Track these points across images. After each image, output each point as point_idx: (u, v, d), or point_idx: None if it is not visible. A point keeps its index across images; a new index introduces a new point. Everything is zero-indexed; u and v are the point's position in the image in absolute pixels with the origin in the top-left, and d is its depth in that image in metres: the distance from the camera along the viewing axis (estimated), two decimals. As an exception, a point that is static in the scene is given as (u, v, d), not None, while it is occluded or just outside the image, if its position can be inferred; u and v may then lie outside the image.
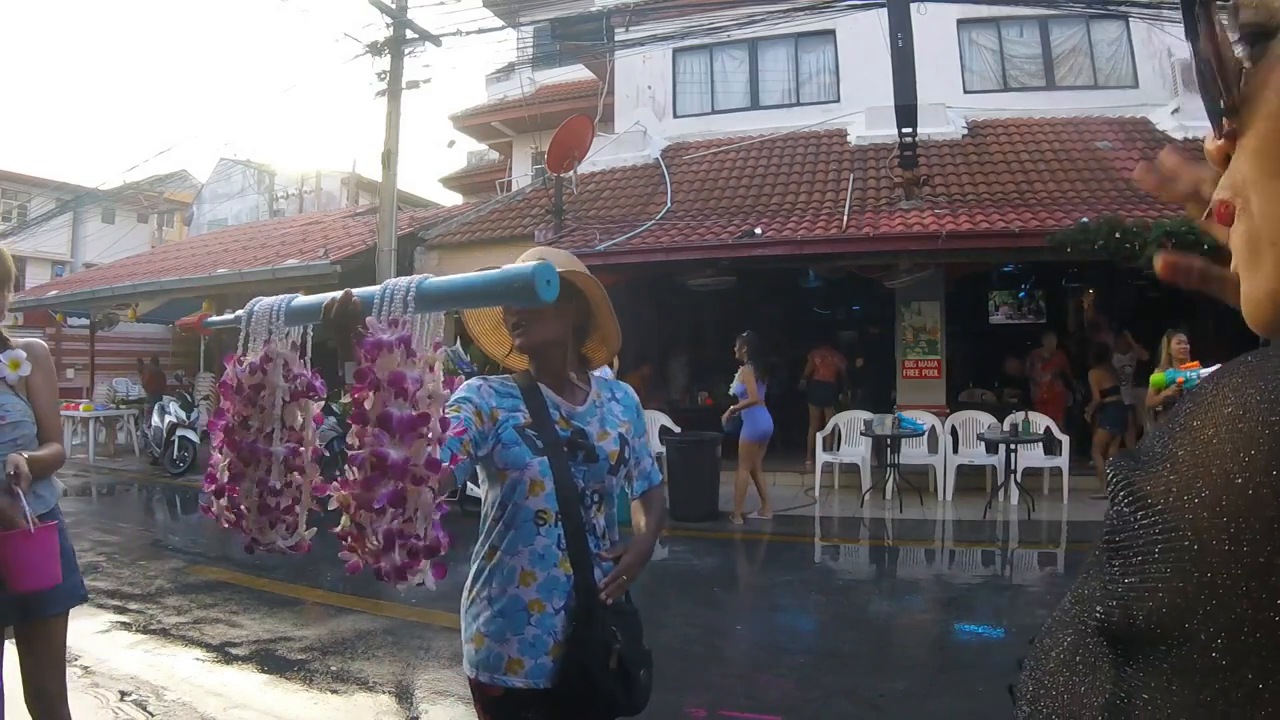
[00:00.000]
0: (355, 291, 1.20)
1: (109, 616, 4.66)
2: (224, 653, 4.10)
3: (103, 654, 4.00)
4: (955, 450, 8.20)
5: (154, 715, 3.32)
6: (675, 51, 11.87)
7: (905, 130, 8.63)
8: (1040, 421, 7.83)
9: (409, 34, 10.21)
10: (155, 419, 11.08)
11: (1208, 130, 0.42)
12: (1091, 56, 10.94)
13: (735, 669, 4.07)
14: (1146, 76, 10.55)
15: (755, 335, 7.17)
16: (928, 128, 9.49)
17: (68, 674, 2.33)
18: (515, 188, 13.87)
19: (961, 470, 8.09)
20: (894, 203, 8.97)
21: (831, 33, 11.39)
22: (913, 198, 8.83)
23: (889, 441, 8.01)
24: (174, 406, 10.89)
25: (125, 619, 4.65)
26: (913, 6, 8.68)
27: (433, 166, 72.03)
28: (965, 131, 10.50)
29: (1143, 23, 9.95)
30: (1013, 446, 7.49)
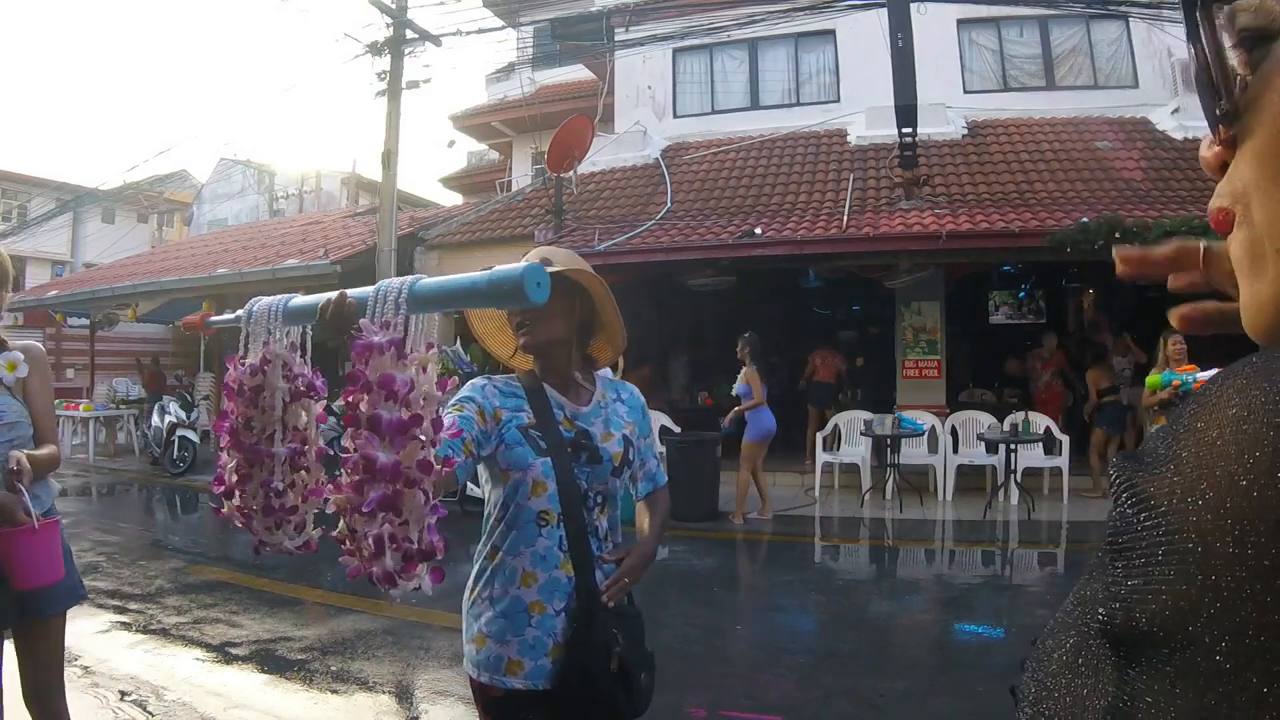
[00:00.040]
0: (351, 292, 1.19)
1: (109, 616, 4.66)
2: (224, 653, 4.10)
3: (103, 654, 4.00)
4: (955, 450, 8.19)
5: (154, 715, 3.32)
6: (675, 51, 11.87)
7: (905, 130, 8.63)
8: (1040, 421, 7.83)
9: (409, 34, 10.20)
10: (155, 419, 11.08)
11: (1205, 137, 0.42)
12: (1091, 56, 10.94)
13: (735, 669, 4.07)
14: (1146, 76, 10.55)
15: (757, 336, 7.17)
16: (928, 128, 9.49)
17: (68, 674, 2.34)
18: (515, 188, 13.87)
19: (961, 470, 8.09)
20: (894, 203, 8.97)
21: (831, 33, 11.39)
22: (913, 198, 8.83)
23: (889, 441, 8.01)
24: (174, 406, 10.88)
25: (125, 619, 4.65)
26: (913, 6, 8.68)
27: (433, 166, 72.11)
28: (965, 131, 10.49)
29: (1143, 23, 9.94)
30: (1013, 446, 7.49)
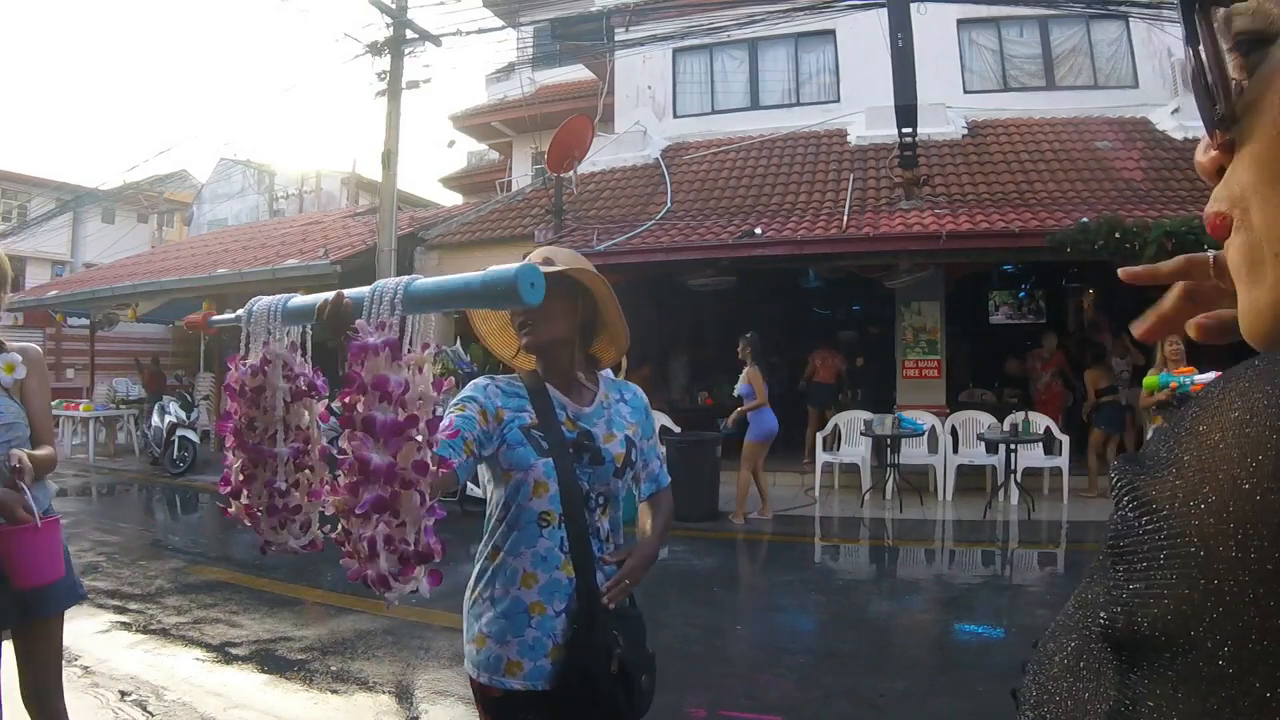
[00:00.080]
0: (348, 292, 1.18)
1: (109, 616, 4.66)
2: (224, 653, 4.10)
3: (103, 654, 4.00)
4: (955, 450, 8.19)
5: (154, 715, 3.32)
6: (675, 51, 11.86)
7: (905, 130, 8.63)
8: (1040, 421, 7.83)
9: (409, 34, 10.20)
10: (155, 419, 11.08)
11: (1200, 141, 0.42)
12: (1091, 56, 10.94)
13: (735, 669, 4.07)
14: (1146, 76, 10.55)
15: (758, 336, 7.17)
16: (928, 128, 9.49)
17: (68, 674, 2.34)
18: (515, 188, 13.87)
19: (961, 470, 8.09)
20: (894, 203, 8.97)
21: (831, 33, 11.39)
22: (913, 198, 8.83)
23: (889, 441, 8.01)
24: (174, 406, 10.88)
25: (125, 619, 4.65)
26: (913, 6, 8.68)
27: (433, 166, 72.13)
28: (965, 131, 10.49)
29: (1143, 23, 9.95)
30: (1013, 446, 7.49)
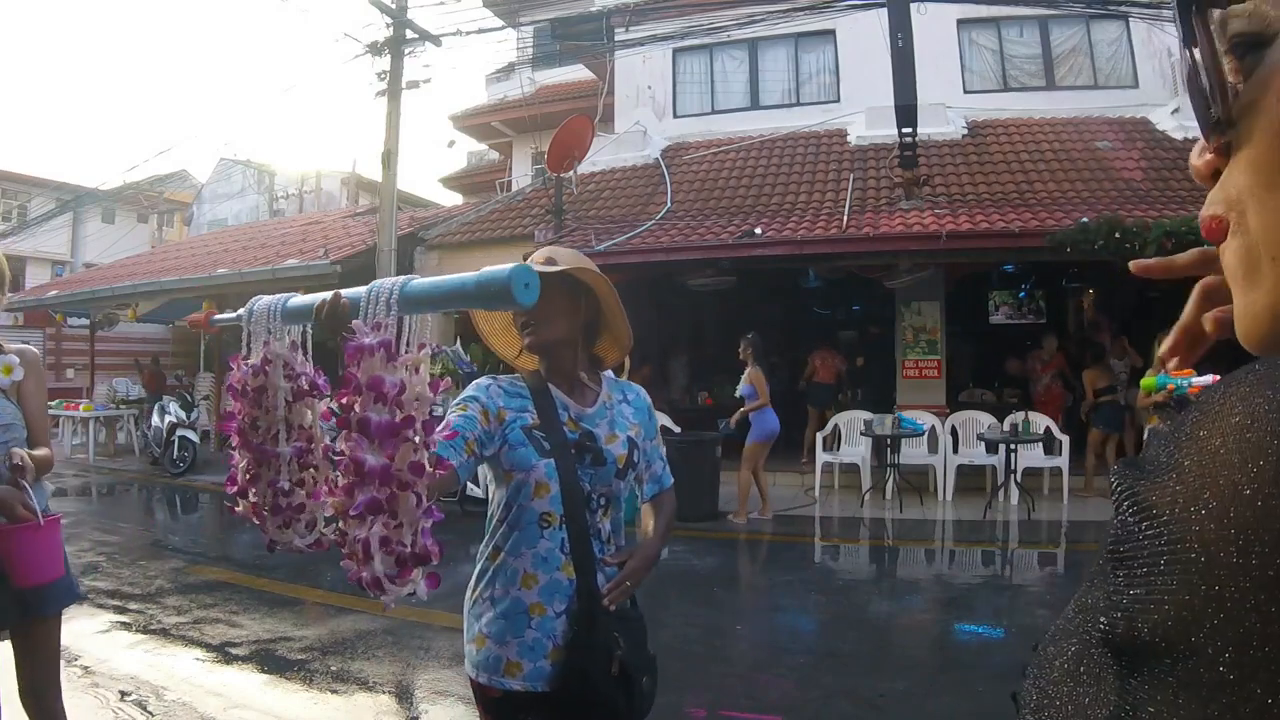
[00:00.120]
0: (345, 292, 1.18)
1: (109, 616, 4.66)
2: (224, 653, 4.10)
3: (103, 654, 4.00)
4: (955, 450, 8.19)
5: (154, 715, 3.32)
6: (675, 51, 11.86)
7: (905, 130, 8.63)
8: (1040, 421, 7.83)
9: (409, 34, 10.20)
10: (155, 419, 11.08)
11: (1195, 144, 0.42)
12: (1091, 56, 10.93)
13: (735, 669, 4.07)
14: (1146, 76, 10.55)
15: (759, 337, 7.17)
16: (928, 128, 9.49)
17: (68, 674, 2.34)
18: (515, 188, 13.87)
19: (961, 470, 8.08)
20: (894, 203, 8.96)
21: (831, 33, 11.38)
22: (913, 198, 8.83)
23: (889, 441, 8.01)
24: (174, 406, 10.89)
25: (125, 619, 4.65)
26: (913, 6, 8.68)
27: (433, 166, 72.12)
28: (965, 131, 10.49)
29: (1143, 23, 9.94)
30: (1013, 446, 7.49)
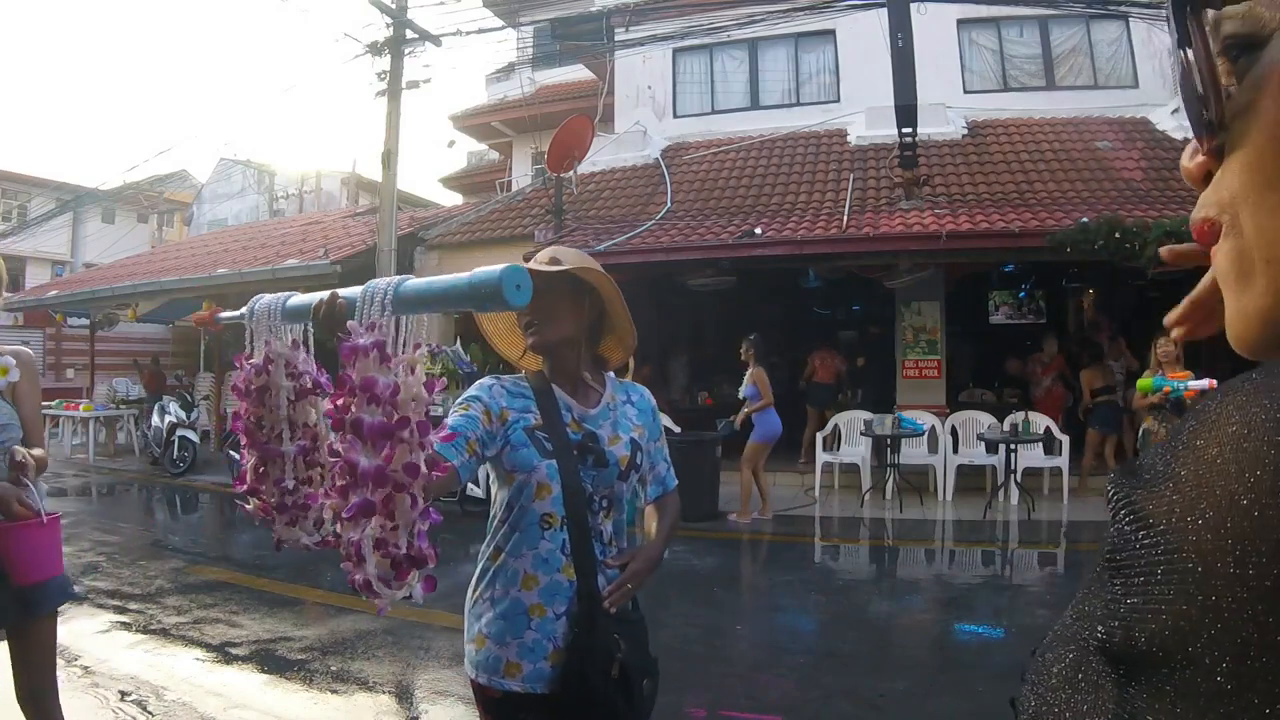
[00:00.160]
0: (342, 292, 1.18)
1: (109, 616, 4.66)
2: (224, 653, 4.10)
3: (103, 654, 4.00)
4: (955, 450, 8.19)
5: (154, 715, 3.32)
6: (675, 51, 11.86)
7: (905, 130, 8.62)
8: (1040, 421, 7.83)
9: (409, 34, 10.20)
10: (155, 419, 11.08)
11: (1187, 146, 0.41)
12: (1091, 56, 10.93)
13: (735, 669, 4.07)
14: (1146, 76, 10.55)
15: (760, 338, 7.17)
16: (928, 128, 9.49)
17: (69, 674, 2.34)
18: (515, 188, 13.87)
19: (961, 470, 8.09)
20: (894, 203, 8.96)
21: (831, 33, 11.38)
22: (913, 198, 8.82)
23: (889, 441, 8.01)
24: (174, 406, 10.89)
25: (125, 619, 4.65)
26: (913, 6, 8.67)
27: (433, 166, 72.08)
28: (965, 131, 10.49)
29: (1143, 23, 9.94)
30: (1013, 446, 7.49)
